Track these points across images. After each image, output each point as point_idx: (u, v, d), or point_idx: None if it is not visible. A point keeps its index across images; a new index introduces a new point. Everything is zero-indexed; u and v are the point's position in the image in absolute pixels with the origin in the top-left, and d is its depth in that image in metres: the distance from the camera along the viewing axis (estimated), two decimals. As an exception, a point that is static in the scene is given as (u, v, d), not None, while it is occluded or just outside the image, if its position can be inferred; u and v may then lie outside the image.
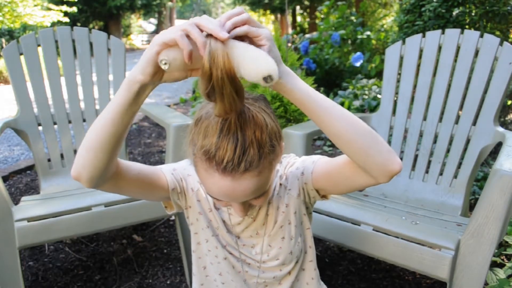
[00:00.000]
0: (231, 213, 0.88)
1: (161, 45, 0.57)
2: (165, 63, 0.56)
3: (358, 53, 4.16)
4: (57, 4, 11.04)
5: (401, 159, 1.77)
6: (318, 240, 1.79)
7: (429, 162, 1.72)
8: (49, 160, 1.84)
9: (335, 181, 0.79)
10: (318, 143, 3.42)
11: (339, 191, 0.82)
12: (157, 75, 0.60)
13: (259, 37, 0.59)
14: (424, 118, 1.75)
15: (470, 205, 1.75)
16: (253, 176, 0.68)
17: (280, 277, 0.93)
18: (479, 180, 2.23)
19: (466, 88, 1.65)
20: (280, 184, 0.87)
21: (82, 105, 1.92)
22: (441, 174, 1.68)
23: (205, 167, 0.69)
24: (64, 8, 9.74)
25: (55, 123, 1.86)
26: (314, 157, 0.85)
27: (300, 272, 0.95)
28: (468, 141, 1.63)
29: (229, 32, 0.57)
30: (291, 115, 2.63)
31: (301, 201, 0.88)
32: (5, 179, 2.61)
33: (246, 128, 0.66)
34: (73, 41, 1.88)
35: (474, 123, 1.62)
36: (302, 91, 0.63)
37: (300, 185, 0.85)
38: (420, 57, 1.77)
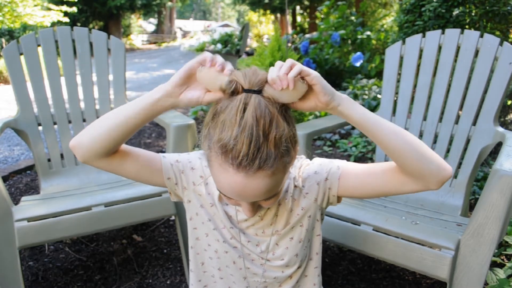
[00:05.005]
0: (238, 209, 0.88)
1: (191, 67, 0.71)
2: (199, 70, 0.70)
3: (358, 53, 4.16)
4: (57, 4, 11.03)
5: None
6: (318, 240, 1.79)
7: (429, 162, 1.72)
8: (49, 160, 1.84)
9: (372, 188, 0.80)
10: (318, 143, 3.42)
11: (367, 196, 0.83)
12: (178, 89, 0.72)
13: (310, 76, 0.68)
14: (424, 118, 1.75)
15: (470, 205, 1.75)
16: (266, 175, 0.68)
17: (281, 279, 0.92)
18: (479, 180, 2.23)
19: (466, 88, 1.65)
20: (295, 186, 0.87)
21: (82, 105, 1.92)
22: (441, 174, 1.67)
23: (219, 161, 0.68)
24: (64, 8, 9.75)
25: (55, 123, 1.86)
26: (337, 162, 0.84)
27: (302, 277, 0.95)
28: (468, 141, 1.63)
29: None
30: (291, 115, 2.63)
31: (318, 206, 0.88)
32: (5, 179, 2.61)
33: (261, 124, 0.66)
34: (73, 41, 1.88)
35: (474, 123, 1.62)
36: (359, 114, 0.71)
37: (322, 190, 0.84)
38: (420, 57, 1.77)
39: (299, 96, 0.70)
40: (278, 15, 19.68)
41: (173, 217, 2.09)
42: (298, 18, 17.41)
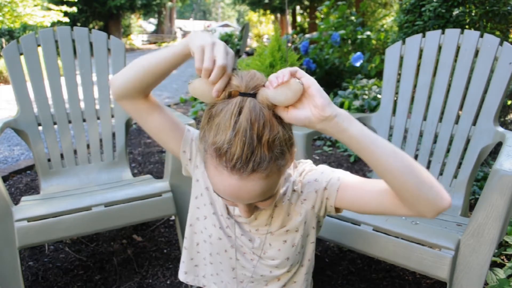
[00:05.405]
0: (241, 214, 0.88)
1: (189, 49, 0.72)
2: (190, 83, 0.70)
3: (358, 53, 4.15)
4: (57, 4, 11.04)
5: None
6: (318, 240, 1.78)
7: (429, 162, 1.72)
8: (49, 160, 1.84)
9: (367, 206, 0.79)
10: (318, 143, 3.42)
11: (363, 212, 0.82)
12: None
13: (306, 77, 0.68)
14: (424, 118, 1.75)
15: (470, 205, 1.75)
16: (260, 178, 0.68)
17: (268, 278, 0.93)
18: (479, 180, 2.23)
19: (466, 88, 1.65)
20: (294, 190, 0.87)
21: (82, 105, 1.92)
22: (441, 174, 1.68)
23: (215, 164, 0.69)
24: (64, 8, 9.75)
25: (55, 123, 1.86)
26: (338, 173, 0.83)
27: (291, 283, 0.95)
28: (468, 141, 1.63)
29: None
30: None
31: (314, 214, 0.88)
32: (5, 179, 2.61)
33: (255, 127, 0.66)
34: (73, 41, 1.88)
35: (474, 123, 1.62)
36: (357, 130, 0.67)
37: (319, 198, 0.84)
38: (420, 57, 1.77)
39: (293, 96, 0.67)
40: (278, 15, 19.68)
41: (173, 217, 2.09)
42: (298, 18, 17.41)
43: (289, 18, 16.76)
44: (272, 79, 0.67)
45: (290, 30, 14.22)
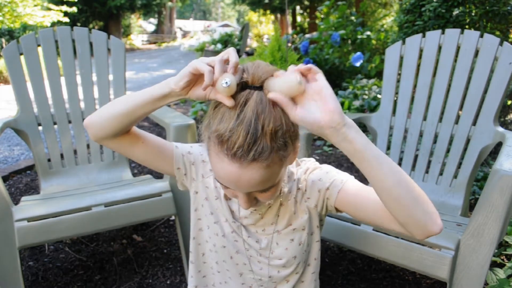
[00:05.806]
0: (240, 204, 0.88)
1: (194, 69, 0.69)
2: (227, 83, 0.66)
3: (358, 53, 4.15)
4: (57, 4, 11.04)
5: (401, 159, 1.78)
6: (318, 240, 1.78)
7: (429, 162, 1.72)
8: (49, 160, 1.84)
9: (364, 215, 0.79)
10: (318, 143, 3.42)
11: (360, 220, 0.82)
12: (185, 89, 0.72)
13: (317, 75, 0.66)
14: (424, 118, 1.75)
15: (470, 205, 1.75)
16: (260, 167, 0.68)
17: (277, 279, 0.93)
18: (479, 180, 2.23)
19: (466, 88, 1.65)
20: (298, 189, 0.87)
21: (82, 105, 1.92)
22: (441, 174, 1.68)
23: (216, 151, 0.70)
24: (64, 8, 9.75)
25: (55, 123, 1.86)
26: (343, 176, 0.83)
27: (299, 283, 0.95)
28: (468, 141, 1.63)
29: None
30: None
31: (317, 213, 0.88)
32: (5, 179, 2.61)
33: (261, 119, 0.67)
34: (73, 41, 1.88)
35: (474, 123, 1.62)
36: (363, 143, 0.65)
37: (321, 198, 0.85)
38: (420, 57, 1.77)
39: (294, 89, 0.66)
40: (278, 15, 19.68)
41: (173, 217, 2.09)
42: (298, 18, 17.41)
43: (289, 18, 16.76)
44: (290, 68, 0.68)
45: (290, 30, 14.22)
